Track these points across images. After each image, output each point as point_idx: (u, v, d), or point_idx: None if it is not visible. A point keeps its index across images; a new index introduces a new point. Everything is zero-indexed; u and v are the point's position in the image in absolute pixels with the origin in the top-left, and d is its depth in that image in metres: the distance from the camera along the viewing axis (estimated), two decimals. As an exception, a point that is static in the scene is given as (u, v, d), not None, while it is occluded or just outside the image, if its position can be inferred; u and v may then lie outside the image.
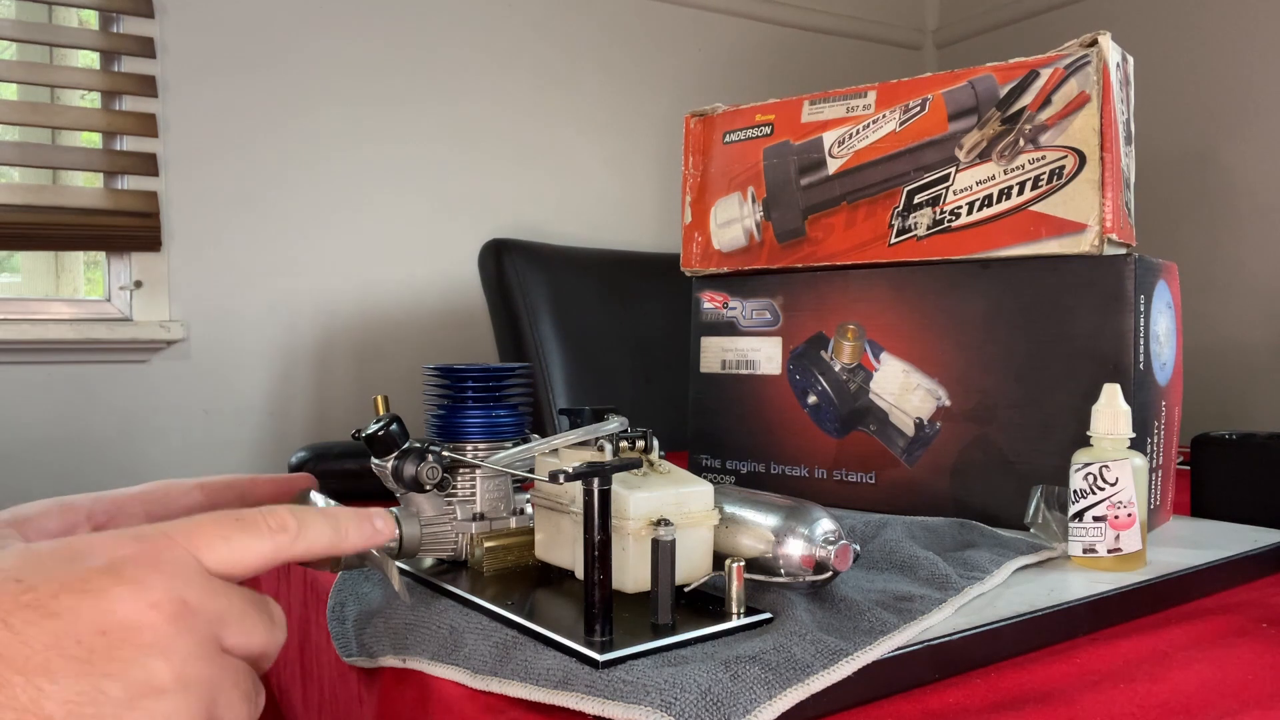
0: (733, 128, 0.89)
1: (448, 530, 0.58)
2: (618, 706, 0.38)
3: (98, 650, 0.30)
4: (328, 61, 1.76)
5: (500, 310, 1.66)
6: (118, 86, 1.59)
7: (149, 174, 1.60)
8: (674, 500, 0.50)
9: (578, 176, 2.03)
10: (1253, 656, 0.49)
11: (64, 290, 1.79)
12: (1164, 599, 0.58)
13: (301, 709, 0.70)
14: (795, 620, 0.46)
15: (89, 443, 1.58)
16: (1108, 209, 0.69)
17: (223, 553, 0.34)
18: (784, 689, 0.39)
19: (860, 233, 0.81)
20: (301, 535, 0.37)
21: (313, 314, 1.76)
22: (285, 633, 0.37)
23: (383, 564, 0.48)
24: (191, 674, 0.31)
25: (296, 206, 1.74)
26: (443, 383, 0.61)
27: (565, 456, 0.55)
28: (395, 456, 0.55)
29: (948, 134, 0.76)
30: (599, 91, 2.05)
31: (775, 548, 0.50)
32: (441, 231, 1.87)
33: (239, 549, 0.35)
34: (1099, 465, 0.60)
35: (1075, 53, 0.71)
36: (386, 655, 0.49)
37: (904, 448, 0.78)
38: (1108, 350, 0.69)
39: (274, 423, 1.73)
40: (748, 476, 0.87)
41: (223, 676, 0.33)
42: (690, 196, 0.92)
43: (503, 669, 0.43)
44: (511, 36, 1.94)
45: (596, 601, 0.45)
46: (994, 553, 0.60)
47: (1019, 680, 0.46)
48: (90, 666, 0.30)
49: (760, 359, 0.87)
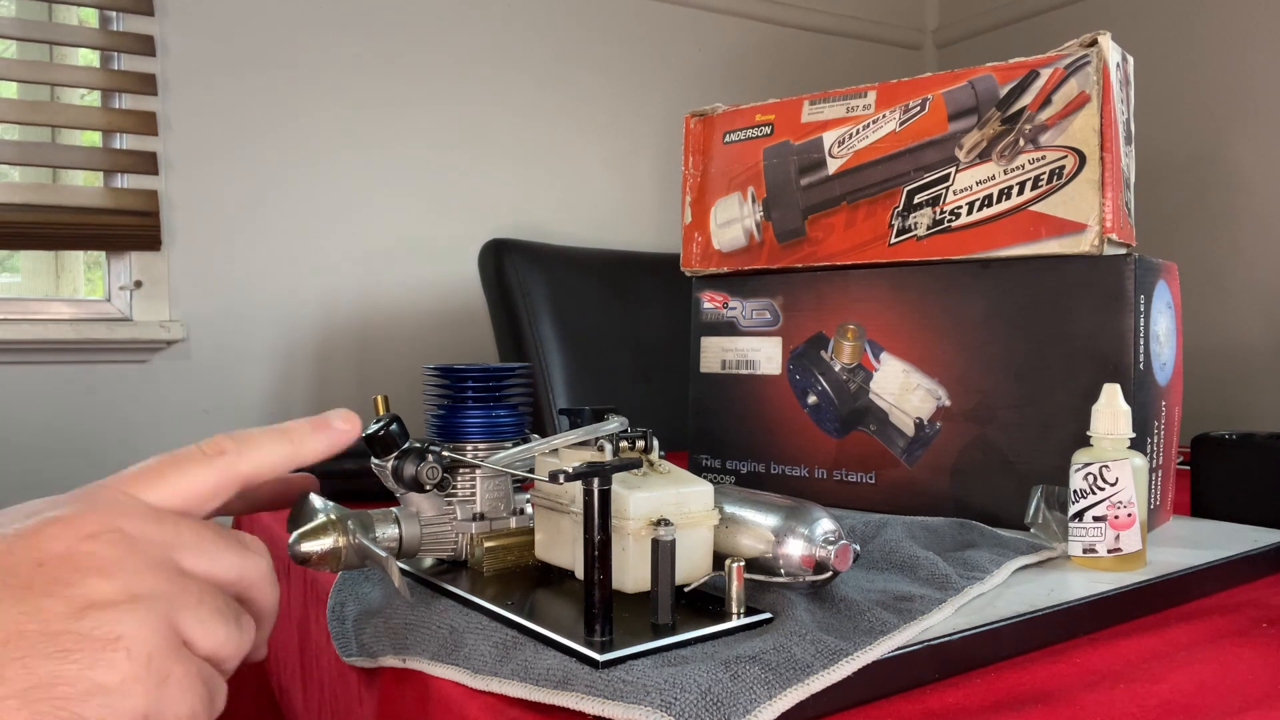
0: (733, 128, 0.89)
1: (448, 530, 0.58)
2: (618, 706, 0.38)
3: (36, 579, 0.29)
4: (328, 61, 1.76)
5: (500, 310, 1.66)
6: (117, 85, 1.59)
7: (149, 172, 1.60)
8: (674, 500, 0.50)
9: (578, 176, 2.02)
10: (1253, 656, 0.49)
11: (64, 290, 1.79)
12: (1164, 599, 0.58)
13: (301, 709, 0.70)
14: (795, 620, 0.46)
15: (89, 443, 1.57)
16: (1108, 209, 0.69)
17: (162, 488, 0.34)
18: (784, 689, 0.39)
19: (860, 233, 0.81)
20: (243, 454, 0.36)
21: (313, 314, 1.76)
22: (265, 557, 0.36)
23: (383, 561, 0.48)
24: (141, 588, 0.31)
25: (297, 206, 1.74)
26: (443, 383, 0.61)
27: (565, 456, 0.55)
28: (395, 456, 0.55)
29: (948, 134, 0.76)
30: (599, 91, 2.05)
31: (775, 548, 0.50)
32: (441, 231, 1.87)
33: (177, 480, 0.35)
34: (1099, 465, 0.60)
35: (1075, 53, 0.71)
36: (386, 655, 0.49)
37: (904, 448, 0.78)
38: (1108, 350, 0.69)
39: (274, 423, 1.73)
40: (748, 476, 0.87)
41: (183, 593, 0.32)
42: (690, 196, 0.92)
43: (503, 669, 0.43)
44: (512, 37, 1.94)
45: (596, 601, 0.45)
46: (994, 553, 0.60)
47: (1019, 680, 0.46)
48: (29, 591, 0.29)
49: (760, 359, 0.87)
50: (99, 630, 0.29)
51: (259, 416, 1.71)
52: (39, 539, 0.30)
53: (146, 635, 0.30)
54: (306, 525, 0.49)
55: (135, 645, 0.30)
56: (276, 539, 0.79)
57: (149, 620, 0.30)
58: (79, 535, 0.31)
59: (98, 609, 0.29)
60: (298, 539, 0.48)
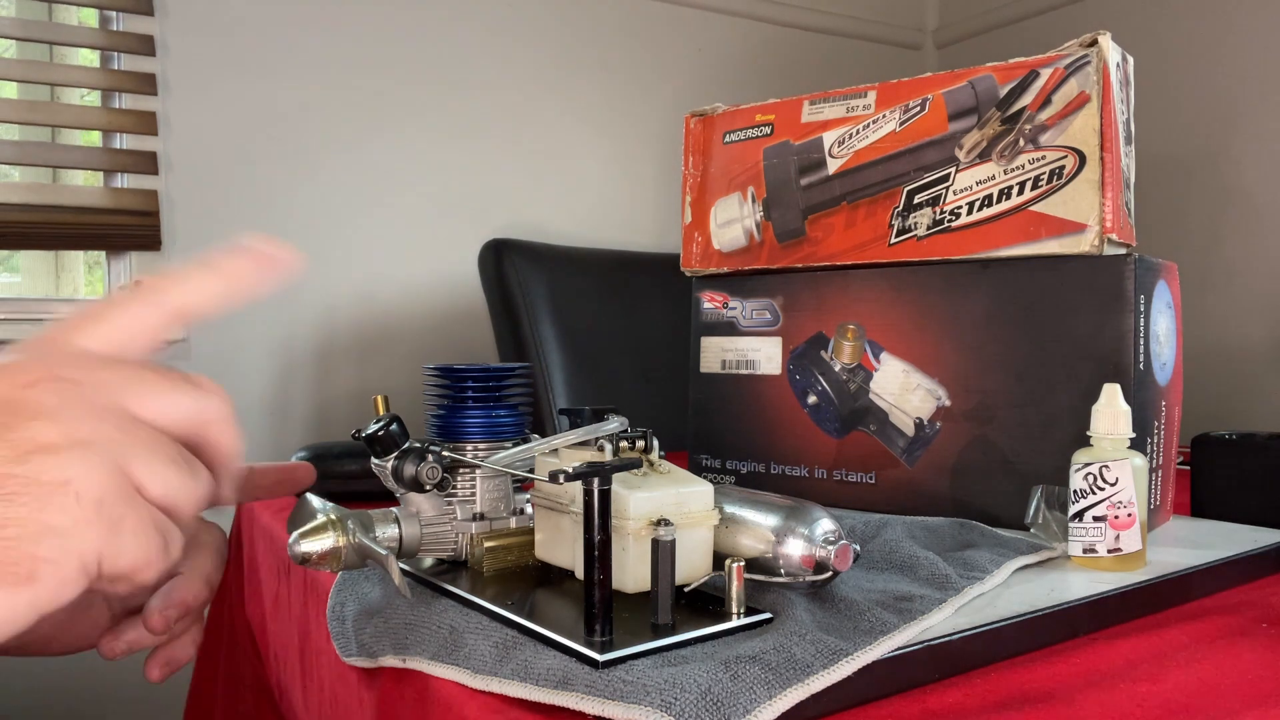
0: (733, 128, 0.89)
1: (448, 530, 0.58)
2: (618, 706, 0.38)
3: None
4: (328, 60, 1.76)
5: (500, 310, 1.66)
6: (117, 84, 1.59)
7: (149, 172, 1.60)
8: (674, 500, 0.50)
9: (578, 176, 2.02)
10: (1253, 656, 0.49)
11: (64, 290, 1.79)
12: (1164, 599, 0.58)
13: (302, 709, 0.70)
14: (795, 620, 0.46)
15: (89, 442, 1.57)
16: (1108, 209, 0.69)
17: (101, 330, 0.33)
18: (784, 689, 0.39)
19: (860, 233, 0.81)
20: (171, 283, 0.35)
21: (313, 314, 1.76)
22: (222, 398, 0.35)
23: (384, 560, 0.48)
24: (85, 433, 0.30)
25: (296, 206, 1.74)
26: (443, 383, 0.61)
27: (565, 456, 0.55)
28: (395, 456, 0.55)
29: (948, 134, 0.76)
30: (599, 91, 2.05)
31: (775, 548, 0.50)
32: (441, 231, 1.87)
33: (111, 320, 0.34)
34: (1099, 465, 0.60)
35: (1075, 53, 0.71)
36: (386, 655, 0.49)
37: (904, 448, 0.78)
38: (1108, 350, 0.69)
39: (274, 423, 1.73)
40: (748, 476, 0.87)
41: (132, 440, 0.31)
42: (690, 196, 0.92)
43: (503, 669, 0.43)
44: (512, 36, 1.94)
45: (596, 601, 0.45)
46: (994, 553, 0.60)
47: (1019, 680, 0.46)
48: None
49: (760, 359, 0.87)
50: (45, 474, 0.28)
51: (259, 416, 1.71)
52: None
53: (96, 479, 0.29)
54: (306, 525, 0.49)
55: (84, 489, 0.29)
56: (276, 539, 0.79)
57: (98, 464, 0.29)
58: (19, 384, 0.30)
59: (43, 453, 0.28)
60: (298, 539, 0.48)
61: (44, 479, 0.28)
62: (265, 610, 0.82)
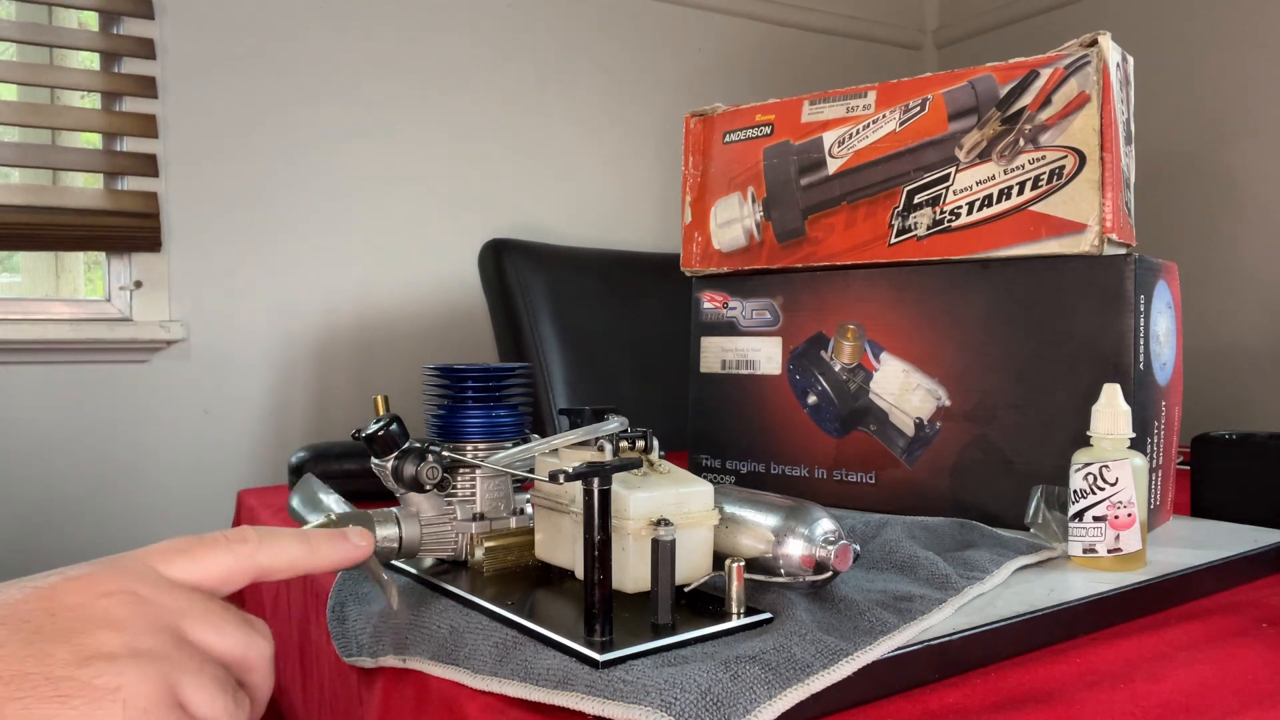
0: (733, 128, 0.89)
1: (448, 530, 0.58)
2: (618, 706, 0.38)
3: (46, 626, 0.31)
4: (327, 61, 1.76)
5: (500, 310, 1.66)
6: (118, 87, 1.59)
7: (149, 174, 1.60)
8: (674, 500, 0.50)
9: (578, 176, 2.02)
10: (1253, 656, 0.49)
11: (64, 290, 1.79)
12: (1164, 599, 0.58)
13: (301, 709, 0.70)
14: (795, 620, 0.46)
15: (89, 443, 1.57)
16: (1108, 209, 0.69)
17: (181, 562, 0.36)
18: (784, 689, 0.39)
19: (860, 233, 0.81)
20: (264, 547, 0.38)
21: (313, 314, 1.76)
22: (269, 643, 0.37)
23: (379, 575, 0.48)
24: (145, 647, 0.32)
25: (296, 206, 1.74)
26: (443, 383, 0.61)
27: (565, 456, 0.55)
28: (395, 456, 0.55)
29: (948, 134, 0.76)
30: (599, 91, 2.05)
31: (775, 548, 0.50)
32: (441, 231, 1.87)
33: (197, 559, 0.36)
34: (1099, 465, 0.60)
35: (1075, 53, 0.71)
36: (386, 655, 0.49)
37: (904, 448, 0.78)
38: (1108, 350, 0.69)
39: (274, 422, 1.73)
40: (748, 476, 0.87)
41: (186, 661, 0.33)
42: (690, 196, 0.92)
43: (503, 669, 0.43)
44: (512, 36, 1.94)
45: (596, 601, 0.45)
46: (994, 553, 0.60)
47: (1019, 680, 0.46)
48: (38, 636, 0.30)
49: (760, 359, 0.87)
50: (99, 679, 0.30)
51: (259, 416, 1.71)
52: (56, 592, 0.32)
53: (145, 690, 0.31)
54: (309, 527, 0.49)
55: (133, 698, 0.30)
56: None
57: (149, 676, 0.31)
58: (94, 593, 0.32)
59: (100, 659, 0.30)
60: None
61: (98, 684, 0.30)
62: (265, 610, 0.82)
